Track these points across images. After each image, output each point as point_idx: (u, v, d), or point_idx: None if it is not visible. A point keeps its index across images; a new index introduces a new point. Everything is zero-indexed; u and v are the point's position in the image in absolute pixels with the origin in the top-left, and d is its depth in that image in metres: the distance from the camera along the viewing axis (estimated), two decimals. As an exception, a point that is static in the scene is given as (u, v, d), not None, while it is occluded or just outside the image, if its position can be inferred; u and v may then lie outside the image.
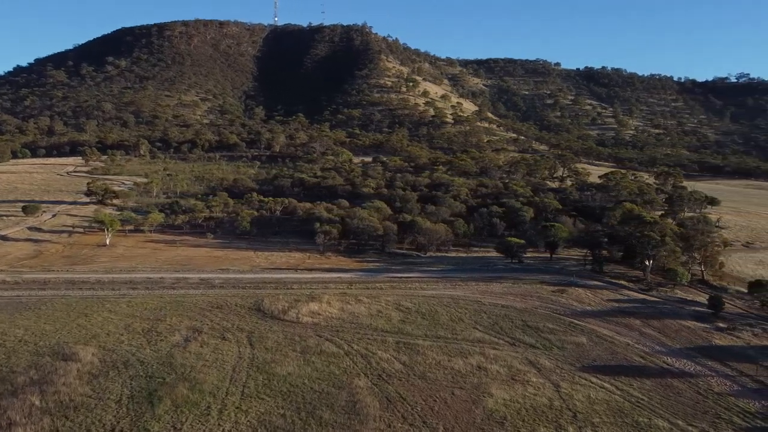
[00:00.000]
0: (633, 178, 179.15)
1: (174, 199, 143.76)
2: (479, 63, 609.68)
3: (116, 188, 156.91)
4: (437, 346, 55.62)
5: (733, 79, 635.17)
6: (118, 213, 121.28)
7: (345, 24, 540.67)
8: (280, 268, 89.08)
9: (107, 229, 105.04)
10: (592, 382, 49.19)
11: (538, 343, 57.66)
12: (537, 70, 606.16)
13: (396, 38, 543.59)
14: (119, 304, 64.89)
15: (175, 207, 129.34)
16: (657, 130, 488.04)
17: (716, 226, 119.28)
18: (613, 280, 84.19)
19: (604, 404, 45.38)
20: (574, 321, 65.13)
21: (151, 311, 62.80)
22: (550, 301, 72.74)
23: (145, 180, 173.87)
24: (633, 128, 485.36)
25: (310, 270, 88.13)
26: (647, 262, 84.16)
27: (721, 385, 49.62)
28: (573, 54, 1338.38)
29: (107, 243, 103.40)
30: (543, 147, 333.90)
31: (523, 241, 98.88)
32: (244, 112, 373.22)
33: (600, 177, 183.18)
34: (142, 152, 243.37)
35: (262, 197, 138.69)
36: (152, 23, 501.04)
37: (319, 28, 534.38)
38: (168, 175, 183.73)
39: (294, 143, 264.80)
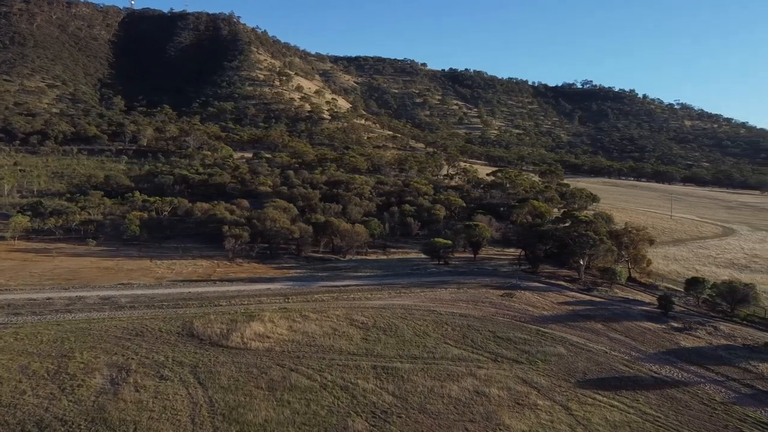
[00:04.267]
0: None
1: (35, 199, 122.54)
2: (349, 60, 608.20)
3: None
4: (419, 368, 48.54)
5: (579, 85, 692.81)
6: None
7: (211, 12, 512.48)
8: (192, 280, 76.77)
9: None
10: (599, 401, 44.92)
11: (521, 357, 52.66)
12: (405, 69, 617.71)
13: (265, 30, 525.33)
14: (3, 338, 50.20)
15: (40, 208, 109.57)
16: (518, 131, 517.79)
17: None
18: (551, 281, 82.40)
19: (627, 427, 41.09)
20: (540, 329, 61.21)
21: (50, 345, 49.14)
22: (503, 307, 68.52)
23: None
24: (497, 128, 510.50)
25: (230, 281, 76.82)
26: (582, 262, 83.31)
27: (719, 393, 47.63)
28: (438, 55, 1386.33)
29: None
30: (420, 145, 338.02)
31: (450, 242, 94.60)
32: (100, 102, 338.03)
33: (489, 174, 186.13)
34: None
35: (146, 197, 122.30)
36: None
37: (183, 15, 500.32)
38: (20, 170, 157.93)
39: (164, 137, 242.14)
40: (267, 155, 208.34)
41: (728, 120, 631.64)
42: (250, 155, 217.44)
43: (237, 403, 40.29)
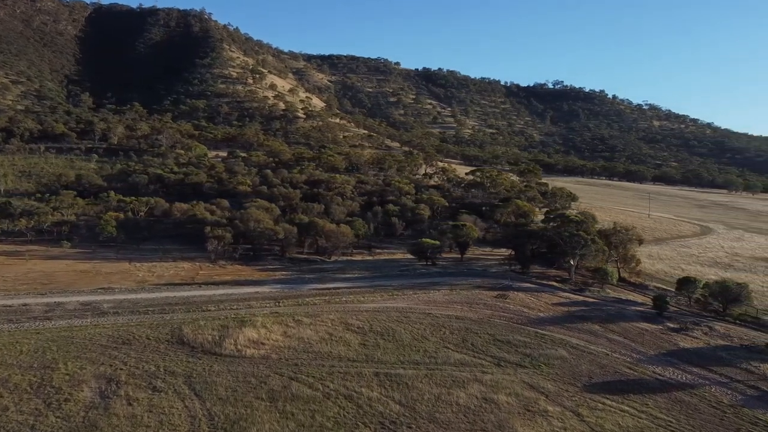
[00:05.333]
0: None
1: (3, 199, 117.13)
2: (323, 58, 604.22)
3: None
4: (423, 375, 46.90)
5: (551, 86, 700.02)
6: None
7: (181, 9, 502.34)
8: (175, 283, 73.82)
9: None
10: (609, 406, 43.88)
11: (524, 361, 51.42)
12: (379, 68, 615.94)
13: (237, 27, 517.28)
14: (-21, 348, 47.07)
15: (9, 209, 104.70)
16: (491, 130, 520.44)
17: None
18: (543, 282, 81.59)
19: (640, 433, 40.18)
20: (539, 331, 60.15)
21: (31, 355, 46.13)
22: (499, 309, 67.34)
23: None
24: (470, 127, 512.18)
25: (215, 284, 74.05)
26: (572, 262, 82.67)
27: (725, 395, 47.07)
28: (411, 54, 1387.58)
29: (-76, 258, 79.45)
30: (395, 144, 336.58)
31: (438, 243, 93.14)
32: (67, 99, 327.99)
33: (468, 174, 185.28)
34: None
35: (122, 197, 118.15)
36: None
37: (153, 11, 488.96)
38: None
39: (135, 135, 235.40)
40: (242, 154, 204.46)
41: (695, 120, 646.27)
42: (224, 154, 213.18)
43: (238, 416, 38.07)
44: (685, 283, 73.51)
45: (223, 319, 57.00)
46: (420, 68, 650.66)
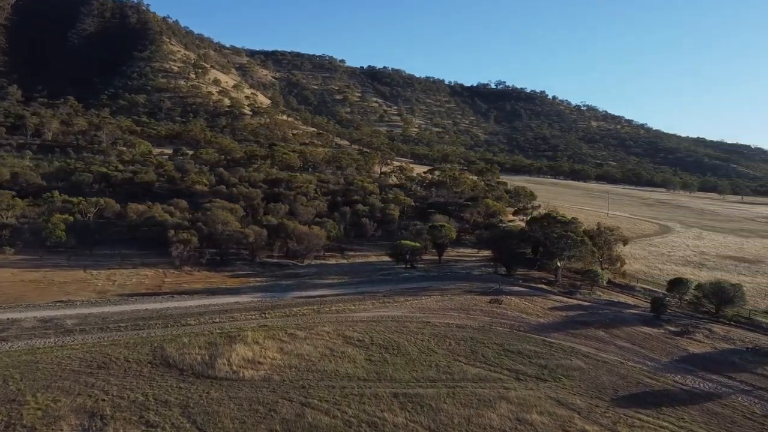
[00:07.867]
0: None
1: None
2: (266, 54, 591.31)
3: None
4: (444, 394, 42.68)
5: (493, 86, 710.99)
6: None
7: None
8: (141, 294, 66.79)
9: None
10: (646, 422, 40.93)
11: (543, 374, 48.02)
12: (324, 65, 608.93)
13: (177, 20, 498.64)
14: (-76, 380, 39.63)
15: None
16: (437, 129, 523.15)
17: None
18: (531, 284, 78.99)
19: (689, 452, 37.40)
20: (545, 339, 57.07)
21: (-10, 386, 39.20)
22: (496, 315, 64.01)
23: None
24: (417, 126, 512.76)
25: (188, 294, 67.35)
26: (560, 264, 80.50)
27: (755, 405, 45.03)
28: (356, 52, 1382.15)
29: None
30: (344, 142, 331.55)
31: (419, 245, 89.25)
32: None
33: (426, 172, 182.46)
34: None
35: (67, 197, 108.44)
36: None
37: (86, 0, 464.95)
38: None
39: (72, 131, 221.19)
40: (189, 152, 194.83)
41: (629, 121, 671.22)
42: (170, 152, 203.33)
43: (254, 454, 32.80)
44: (677, 284, 72.47)
45: (208, 334, 51.03)
46: (365, 66, 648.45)
